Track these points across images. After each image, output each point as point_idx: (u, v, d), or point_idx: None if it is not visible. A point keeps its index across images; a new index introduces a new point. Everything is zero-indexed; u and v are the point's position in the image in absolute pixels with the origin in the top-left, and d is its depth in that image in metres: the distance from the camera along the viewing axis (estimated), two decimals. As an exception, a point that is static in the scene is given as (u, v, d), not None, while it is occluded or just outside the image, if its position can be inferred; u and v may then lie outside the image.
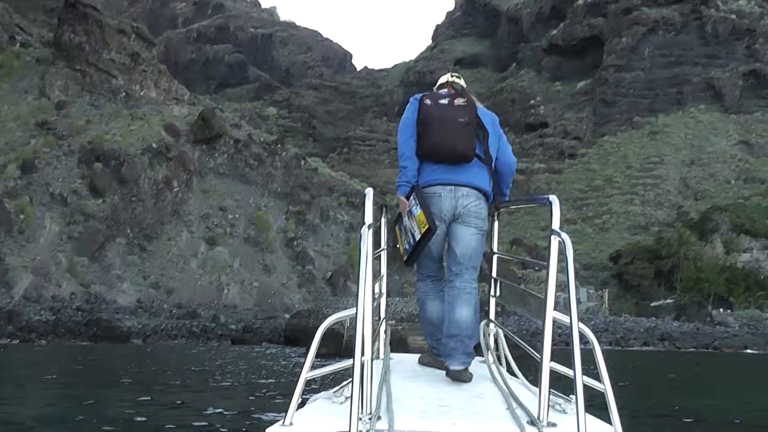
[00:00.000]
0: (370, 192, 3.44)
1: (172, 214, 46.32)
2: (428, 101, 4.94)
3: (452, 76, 5.26)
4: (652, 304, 55.11)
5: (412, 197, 4.75)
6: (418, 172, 4.88)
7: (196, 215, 47.39)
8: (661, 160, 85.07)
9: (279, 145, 56.50)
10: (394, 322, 29.54)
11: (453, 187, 4.78)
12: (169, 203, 46.58)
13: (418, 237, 4.64)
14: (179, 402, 12.97)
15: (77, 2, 61.21)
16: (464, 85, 5.24)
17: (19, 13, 74.92)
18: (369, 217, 3.27)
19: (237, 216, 48.99)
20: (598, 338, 2.89)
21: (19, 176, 42.49)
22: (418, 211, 4.67)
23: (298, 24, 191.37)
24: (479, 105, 5.07)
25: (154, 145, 48.48)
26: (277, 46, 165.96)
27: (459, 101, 4.95)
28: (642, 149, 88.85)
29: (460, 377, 4.04)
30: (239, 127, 57.63)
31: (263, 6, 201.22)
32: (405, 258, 4.85)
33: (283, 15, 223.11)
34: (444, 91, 5.12)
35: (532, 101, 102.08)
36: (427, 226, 4.58)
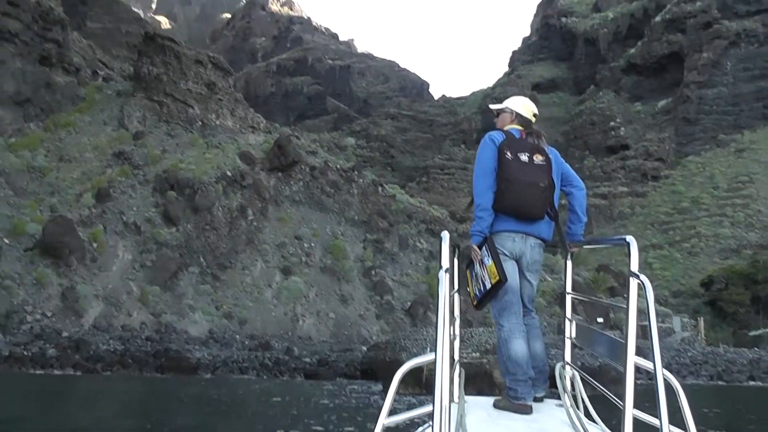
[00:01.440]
0: (446, 236, 3.63)
1: (246, 242, 45.21)
2: (508, 154, 5.06)
3: (521, 117, 5.41)
4: (751, 333, 51.44)
5: (484, 247, 4.99)
6: (493, 218, 5.11)
7: (271, 244, 46.19)
8: (749, 178, 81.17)
9: (356, 172, 55.15)
10: (478, 354, 27.71)
11: (524, 235, 5.11)
12: (243, 232, 45.52)
13: (488, 286, 4.90)
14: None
15: (156, 35, 61.78)
16: (534, 112, 5.38)
17: (102, 49, 76.34)
18: (446, 262, 3.39)
19: (313, 245, 47.62)
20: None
21: (94, 205, 42.11)
22: (489, 262, 4.90)
23: (375, 55, 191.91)
24: (548, 149, 5.24)
25: (228, 173, 47.71)
26: (354, 77, 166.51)
27: (538, 159, 5.10)
28: (729, 168, 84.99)
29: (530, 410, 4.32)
30: (315, 154, 56.59)
31: (341, 38, 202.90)
32: (475, 303, 5.10)
33: (361, 46, 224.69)
34: (516, 129, 5.28)
35: (612, 123, 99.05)
36: (497, 278, 4.82)
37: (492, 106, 5.99)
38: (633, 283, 3.10)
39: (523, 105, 5.65)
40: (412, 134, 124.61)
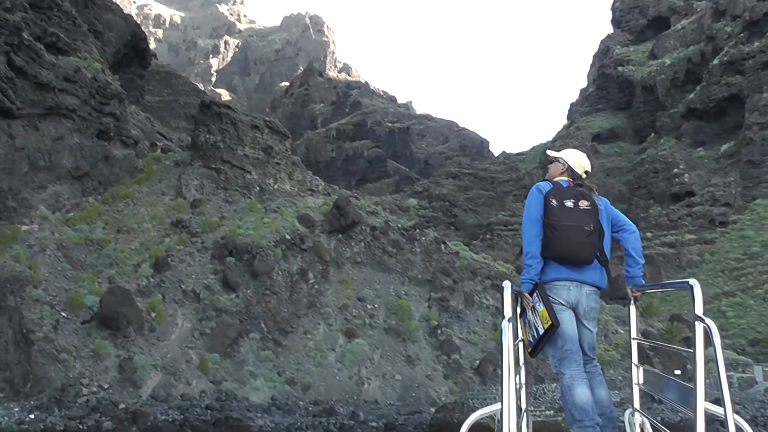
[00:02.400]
0: (507, 285, 4.21)
1: (308, 306, 43.93)
2: (554, 202, 5.51)
3: (572, 171, 5.79)
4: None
5: (535, 294, 5.36)
6: (543, 268, 5.48)
7: (334, 307, 44.83)
8: (822, 219, 77.43)
9: (417, 230, 53.77)
10: (552, 412, 26.48)
11: (578, 283, 5.47)
12: (304, 295, 44.29)
13: (541, 332, 5.18)
14: None
15: (212, 103, 61.98)
16: (587, 169, 5.83)
17: (161, 121, 77.23)
18: (508, 311, 3.80)
19: (376, 305, 46.15)
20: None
21: (152, 274, 41.44)
22: (541, 307, 5.22)
23: (434, 116, 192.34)
24: (597, 197, 5.67)
25: (287, 236, 46.78)
26: (414, 138, 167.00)
27: (584, 204, 5.50)
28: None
29: None
30: (376, 214, 55.48)
31: (399, 101, 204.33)
32: (530, 350, 5.32)
33: (419, 108, 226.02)
34: (564, 181, 5.72)
35: (675, 170, 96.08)
36: (550, 323, 5.13)
37: (549, 152, 6.31)
38: (699, 327, 3.09)
39: (576, 160, 5.94)
40: (474, 192, 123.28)
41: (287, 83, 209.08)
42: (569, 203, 5.47)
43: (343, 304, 45.45)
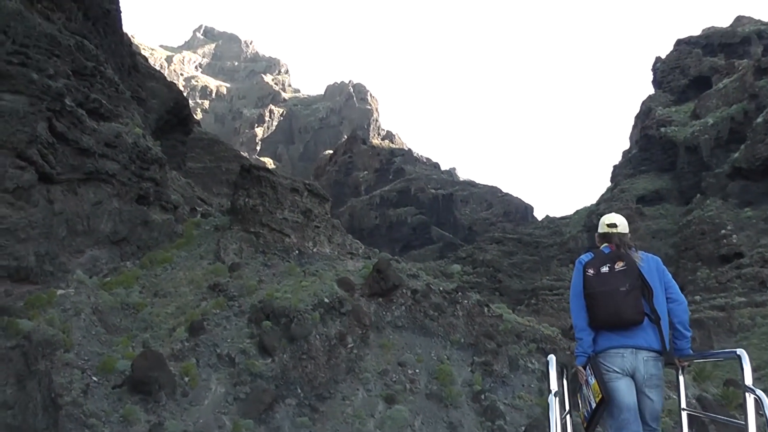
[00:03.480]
0: (552, 359, 4.34)
1: (346, 371, 42.52)
2: (591, 271, 5.62)
3: (611, 227, 5.87)
4: None
5: (588, 367, 5.45)
6: (595, 338, 5.55)
7: (373, 372, 43.36)
8: None
9: (459, 293, 52.34)
10: None
11: (633, 349, 5.42)
12: (343, 360, 42.93)
13: (594, 406, 5.21)
14: None
15: (252, 167, 61.77)
16: (625, 230, 5.88)
17: (203, 187, 77.43)
18: (554, 385, 3.93)
19: (417, 370, 44.60)
20: None
21: (187, 338, 40.51)
22: (593, 381, 5.27)
23: (477, 182, 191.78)
24: (640, 256, 5.64)
25: (326, 299, 45.69)
26: (458, 205, 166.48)
27: (619, 266, 5.53)
28: None
29: None
30: (417, 277, 54.23)
31: (443, 167, 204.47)
32: (585, 425, 5.39)
33: (463, 174, 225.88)
34: (606, 247, 5.84)
35: (723, 231, 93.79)
36: (600, 396, 5.15)
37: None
38: (749, 399, 3.16)
39: (601, 222, 6.01)
40: (518, 257, 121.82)
41: (331, 151, 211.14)
42: (605, 269, 5.52)
43: (383, 369, 43.96)
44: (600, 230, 6.06)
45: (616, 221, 6.04)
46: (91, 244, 51.91)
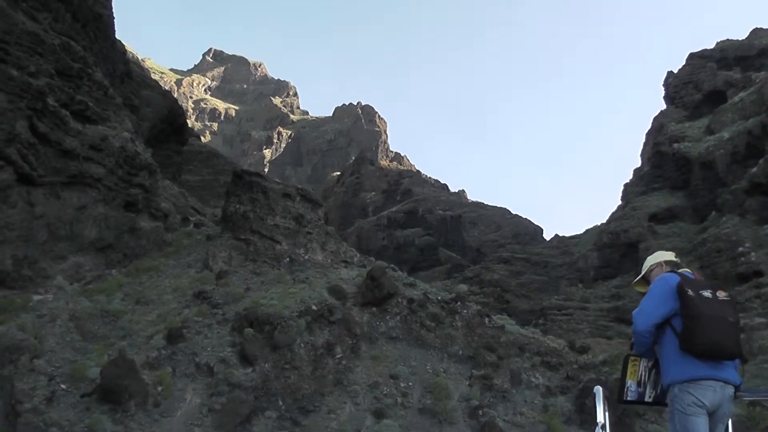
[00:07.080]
0: (599, 391, 4.12)
1: (334, 383, 39.93)
2: (690, 292, 5.32)
3: (671, 263, 6.12)
4: None
5: (644, 361, 5.49)
6: (679, 365, 5.25)
7: (363, 384, 40.73)
8: None
9: (459, 303, 49.76)
10: None
11: (723, 384, 5.25)
12: (330, 371, 40.35)
13: (636, 397, 5.33)
14: None
15: (243, 172, 59.48)
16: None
17: (201, 200, 75.30)
18: (600, 417, 3.81)
19: (411, 384, 41.95)
20: None
21: (164, 346, 38.09)
22: (645, 377, 5.42)
23: (486, 203, 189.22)
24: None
25: (314, 307, 43.23)
26: (466, 226, 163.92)
27: (722, 295, 5.38)
28: None
29: None
30: (414, 286, 51.72)
31: (451, 189, 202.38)
32: (622, 399, 5.37)
33: (472, 195, 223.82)
34: (687, 271, 5.85)
35: (740, 249, 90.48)
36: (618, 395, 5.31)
37: (638, 279, 6.51)
38: None
39: (663, 254, 6.42)
40: (526, 277, 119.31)
41: (339, 173, 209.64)
42: (707, 293, 5.26)
43: (373, 381, 41.30)
44: (665, 258, 6.08)
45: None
46: (74, 250, 49.64)
